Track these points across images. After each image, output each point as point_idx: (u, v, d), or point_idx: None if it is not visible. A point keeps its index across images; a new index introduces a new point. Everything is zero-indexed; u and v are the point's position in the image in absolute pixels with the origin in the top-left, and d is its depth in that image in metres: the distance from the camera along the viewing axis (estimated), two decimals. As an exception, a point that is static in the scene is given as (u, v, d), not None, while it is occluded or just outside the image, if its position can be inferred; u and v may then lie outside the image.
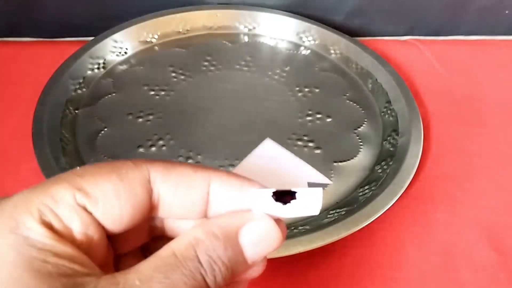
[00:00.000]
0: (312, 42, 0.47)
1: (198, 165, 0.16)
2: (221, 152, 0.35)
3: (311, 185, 0.16)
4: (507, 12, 0.50)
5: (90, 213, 0.13)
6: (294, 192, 0.14)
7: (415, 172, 0.33)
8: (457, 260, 0.30)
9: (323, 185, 0.17)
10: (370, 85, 0.43)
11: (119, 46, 0.44)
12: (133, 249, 0.17)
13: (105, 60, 0.43)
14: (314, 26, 0.47)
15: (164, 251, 0.13)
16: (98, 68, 0.42)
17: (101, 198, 0.13)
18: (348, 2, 0.49)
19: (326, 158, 0.35)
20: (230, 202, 0.15)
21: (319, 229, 0.28)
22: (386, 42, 0.50)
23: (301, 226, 0.30)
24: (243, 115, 0.38)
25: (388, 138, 0.37)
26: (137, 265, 0.13)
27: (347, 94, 0.42)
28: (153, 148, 0.35)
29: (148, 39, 0.46)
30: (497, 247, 0.31)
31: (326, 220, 0.30)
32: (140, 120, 0.37)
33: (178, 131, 0.37)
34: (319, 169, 0.34)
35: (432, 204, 0.33)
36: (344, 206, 0.31)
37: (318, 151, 0.36)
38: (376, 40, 0.50)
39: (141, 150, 0.35)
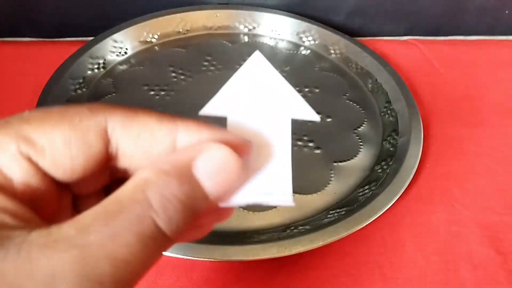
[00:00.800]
0: (312, 42, 0.47)
1: (164, 113, 0.14)
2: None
3: (294, 122, 0.15)
4: (507, 12, 0.50)
5: (35, 164, 0.12)
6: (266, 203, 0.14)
7: (415, 172, 0.33)
8: (457, 260, 0.30)
9: (311, 118, 0.16)
10: (370, 85, 0.43)
11: (119, 46, 0.44)
12: (94, 191, 0.15)
13: (105, 60, 0.43)
14: (314, 26, 0.47)
15: (108, 198, 0.12)
16: (98, 68, 0.42)
17: (48, 148, 0.12)
18: (348, 2, 0.49)
19: (326, 158, 0.35)
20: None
21: (319, 229, 0.28)
22: (386, 42, 0.50)
23: (301, 226, 0.30)
24: (243, 115, 0.38)
25: (388, 138, 0.37)
26: (78, 215, 0.11)
27: (347, 94, 0.42)
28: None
29: (148, 39, 0.46)
30: (497, 247, 0.31)
31: (326, 220, 0.30)
32: (140, 120, 0.37)
33: (178, 131, 0.37)
34: (319, 169, 0.34)
35: (432, 204, 0.33)
36: (344, 206, 0.31)
37: (318, 151, 0.36)
38: (376, 40, 0.50)
39: (141, 150, 0.35)
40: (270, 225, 0.30)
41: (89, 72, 0.41)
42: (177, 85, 0.41)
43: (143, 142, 0.13)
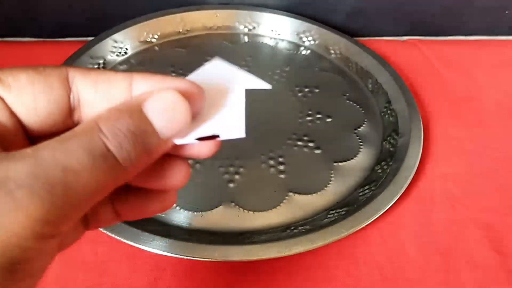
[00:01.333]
0: (312, 42, 0.47)
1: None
2: (221, 152, 0.35)
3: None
4: (507, 12, 0.50)
5: (1, 98, 0.13)
6: (218, 136, 0.15)
7: (415, 172, 0.33)
8: (457, 260, 0.30)
9: (263, 87, 0.17)
10: (370, 85, 0.43)
11: (119, 46, 0.44)
12: None
13: (105, 60, 0.43)
14: (314, 26, 0.47)
15: (65, 133, 0.13)
16: (98, 68, 0.42)
17: (14, 85, 0.13)
18: (348, 2, 0.49)
19: (326, 158, 0.35)
20: None
21: (319, 229, 0.28)
22: (386, 42, 0.50)
23: (301, 226, 0.30)
24: (243, 115, 0.38)
25: (388, 138, 0.37)
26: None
27: (347, 94, 0.42)
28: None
29: (148, 39, 0.46)
30: (497, 247, 0.31)
31: (326, 220, 0.30)
32: (140, 120, 0.37)
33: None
34: (319, 169, 0.34)
35: (432, 204, 0.33)
36: (344, 206, 0.31)
37: (318, 151, 0.36)
38: (376, 40, 0.50)
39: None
40: (270, 225, 0.30)
41: (89, 72, 0.41)
42: (177, 85, 0.41)
43: (101, 88, 0.14)
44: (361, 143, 0.37)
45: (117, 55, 0.43)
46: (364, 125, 0.39)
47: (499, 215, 0.33)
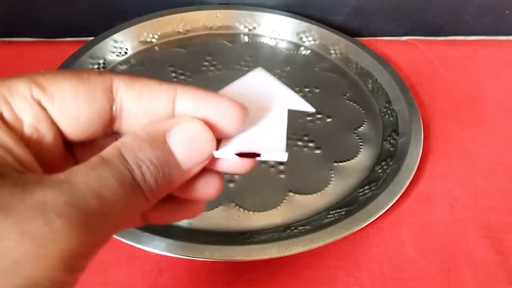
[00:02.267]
0: (312, 42, 0.47)
1: (164, 80, 0.15)
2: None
3: (291, 112, 0.16)
4: (507, 12, 0.50)
5: (44, 109, 0.13)
6: (258, 154, 0.14)
7: (415, 172, 0.33)
8: (457, 260, 0.30)
9: (306, 109, 0.16)
10: (370, 85, 0.43)
11: (119, 46, 0.44)
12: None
13: (105, 60, 0.43)
14: (314, 26, 0.47)
15: (93, 157, 0.13)
16: (98, 68, 0.42)
17: (57, 94, 0.13)
18: (348, 2, 0.49)
19: (326, 158, 0.35)
20: (196, 115, 0.14)
21: (319, 229, 0.28)
22: (386, 42, 0.50)
23: (301, 226, 0.30)
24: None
25: (388, 138, 0.37)
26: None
27: (347, 94, 0.42)
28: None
29: (148, 39, 0.46)
30: (497, 247, 0.31)
31: (326, 220, 0.30)
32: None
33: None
34: (319, 169, 0.34)
35: (432, 204, 0.33)
36: (344, 206, 0.31)
37: (318, 151, 0.36)
38: (376, 40, 0.50)
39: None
40: (270, 225, 0.30)
41: (89, 72, 0.41)
42: (177, 85, 0.41)
43: (145, 102, 0.14)
44: (361, 143, 0.37)
45: (117, 55, 0.43)
46: (364, 125, 0.39)
47: (499, 215, 0.33)
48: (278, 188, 0.33)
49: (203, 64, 0.43)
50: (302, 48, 0.47)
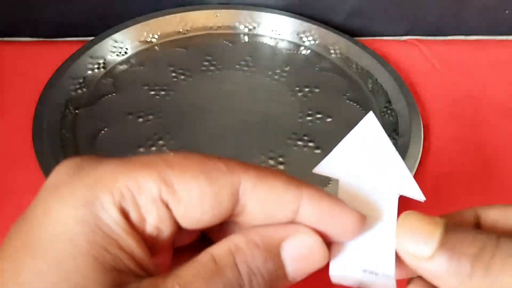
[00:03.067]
0: (312, 42, 0.47)
1: (290, 177, 0.15)
2: (221, 152, 0.35)
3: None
4: (507, 12, 0.50)
5: (170, 211, 0.13)
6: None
7: (415, 172, 0.33)
8: (457, 260, 0.30)
9: (417, 197, 0.17)
10: (370, 85, 0.43)
11: (119, 46, 0.44)
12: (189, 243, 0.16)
13: (105, 60, 0.43)
14: (314, 26, 0.47)
15: (204, 257, 0.13)
16: (98, 68, 0.42)
17: (185, 199, 0.13)
18: (348, 2, 0.49)
19: (326, 158, 0.35)
20: (316, 225, 0.14)
21: (319, 229, 0.28)
22: (386, 42, 0.50)
23: (301, 226, 0.30)
24: (243, 115, 0.38)
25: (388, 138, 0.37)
26: (177, 270, 0.12)
27: (347, 94, 0.42)
28: (153, 148, 0.35)
29: (148, 39, 0.46)
30: (497, 247, 0.31)
31: (326, 220, 0.30)
32: (140, 120, 0.37)
33: (178, 131, 0.37)
34: (319, 169, 0.34)
35: (432, 204, 0.33)
36: (344, 206, 0.31)
37: (318, 151, 0.36)
38: (376, 40, 0.50)
39: (141, 150, 0.35)
40: (270, 225, 0.30)
41: (89, 72, 0.41)
42: (177, 85, 0.41)
43: (269, 207, 0.14)
44: (361, 143, 0.37)
45: (117, 55, 0.43)
46: (364, 125, 0.39)
47: (499, 215, 0.33)
48: (278, 188, 0.32)
49: (203, 64, 0.43)
50: (302, 48, 0.47)
